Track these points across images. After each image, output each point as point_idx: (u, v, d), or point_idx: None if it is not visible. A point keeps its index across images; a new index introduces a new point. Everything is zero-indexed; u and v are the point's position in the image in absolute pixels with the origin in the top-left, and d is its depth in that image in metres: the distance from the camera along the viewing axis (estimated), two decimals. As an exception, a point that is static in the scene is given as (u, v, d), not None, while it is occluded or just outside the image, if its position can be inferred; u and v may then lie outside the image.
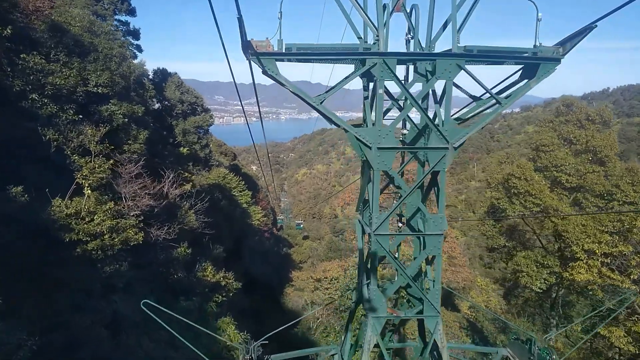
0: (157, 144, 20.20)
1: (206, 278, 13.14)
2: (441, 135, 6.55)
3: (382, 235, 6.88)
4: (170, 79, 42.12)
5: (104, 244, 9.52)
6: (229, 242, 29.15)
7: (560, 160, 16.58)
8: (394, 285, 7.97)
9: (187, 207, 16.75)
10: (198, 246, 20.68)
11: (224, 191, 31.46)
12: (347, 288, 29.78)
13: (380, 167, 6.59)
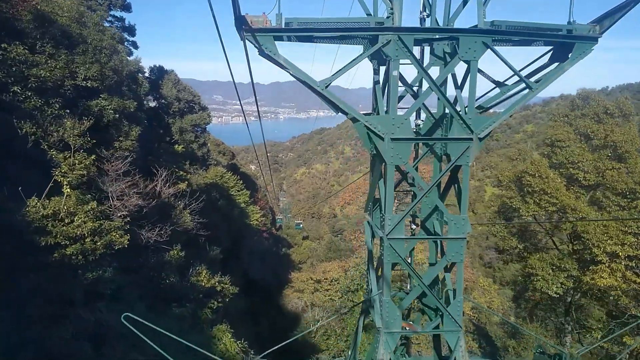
0: (151, 142, 19.27)
1: (200, 283, 12.24)
2: (465, 125, 5.66)
3: (396, 239, 5.98)
4: (167, 77, 41.15)
5: (85, 248, 8.57)
6: (227, 243, 28.25)
7: (577, 156, 15.63)
8: (410, 296, 7.05)
9: (181, 207, 15.84)
10: (194, 248, 19.81)
11: (222, 190, 30.54)
12: (348, 289, 28.91)
13: (395, 161, 5.69)
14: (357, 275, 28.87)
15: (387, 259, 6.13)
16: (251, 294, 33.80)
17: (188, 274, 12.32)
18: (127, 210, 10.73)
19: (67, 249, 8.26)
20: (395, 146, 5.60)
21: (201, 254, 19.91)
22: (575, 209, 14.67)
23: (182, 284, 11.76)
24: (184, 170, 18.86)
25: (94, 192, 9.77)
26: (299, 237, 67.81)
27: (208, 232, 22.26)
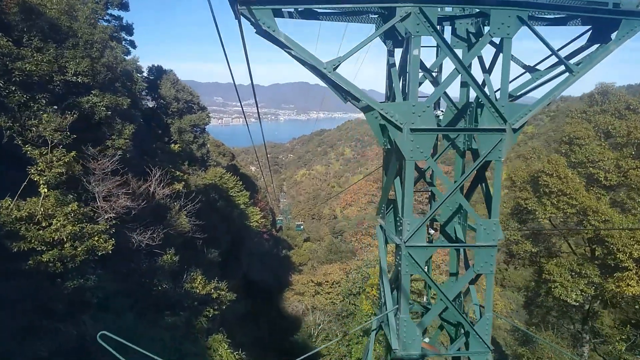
0: (148, 141, 18.42)
1: (195, 290, 11.35)
2: (497, 114, 4.80)
3: (416, 247, 5.09)
4: (166, 77, 40.34)
5: (63, 255, 7.67)
6: (226, 245, 27.38)
7: (598, 154, 14.65)
8: (431, 313, 6.11)
9: (177, 209, 14.98)
10: (191, 250, 18.99)
11: (221, 192, 29.69)
12: (349, 292, 28.02)
13: (415, 155, 4.82)
14: (359, 278, 28.00)
15: (405, 269, 5.26)
16: (251, 296, 32.93)
17: (182, 280, 11.46)
18: (115, 212, 9.86)
19: (43, 256, 7.37)
20: (416, 138, 4.74)
21: (199, 256, 19.06)
22: (596, 211, 13.70)
23: (176, 290, 10.89)
24: (181, 170, 18.00)
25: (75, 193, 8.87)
26: (300, 238, 66.92)
27: (206, 235, 21.42)
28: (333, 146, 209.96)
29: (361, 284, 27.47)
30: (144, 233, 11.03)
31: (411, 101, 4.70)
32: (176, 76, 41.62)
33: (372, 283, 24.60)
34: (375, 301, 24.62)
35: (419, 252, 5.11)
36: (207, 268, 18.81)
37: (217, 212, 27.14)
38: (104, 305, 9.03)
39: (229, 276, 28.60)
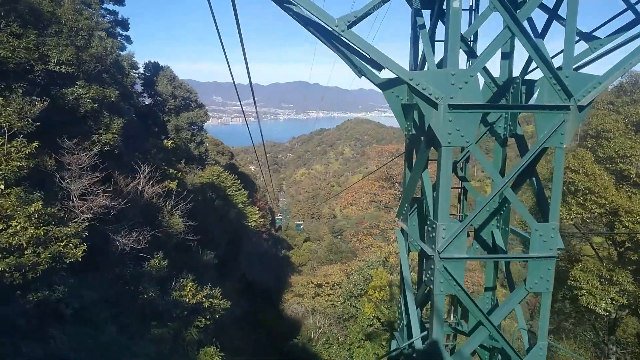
0: (139, 137, 17.27)
1: (184, 299, 10.14)
2: (559, 86, 3.66)
3: (454, 259, 3.93)
4: (162, 73, 39.17)
5: (21, 263, 6.49)
6: (223, 246, 26.27)
7: (629, 149, 13.44)
8: (472, 341, 4.82)
9: (170, 209, 13.85)
10: (184, 253, 17.88)
11: (218, 190, 28.55)
12: (351, 294, 26.87)
13: (454, 140, 3.68)
14: (361, 279, 26.86)
15: (439, 288, 4.09)
16: (250, 297, 31.83)
17: (171, 287, 10.31)
18: (92, 212, 8.69)
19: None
20: (456, 118, 3.60)
21: (193, 259, 17.92)
22: (630, 211, 12.48)
23: (164, 298, 9.78)
24: (176, 168, 16.85)
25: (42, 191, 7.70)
26: (299, 237, 65.80)
27: (200, 236, 20.32)
28: (332, 145, 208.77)
29: (363, 285, 26.34)
30: (129, 235, 9.89)
31: (450, 69, 3.56)
32: (173, 73, 40.43)
33: (374, 285, 23.49)
34: (378, 304, 23.52)
35: (457, 265, 3.96)
36: (202, 271, 17.71)
37: (215, 211, 26.02)
38: (81, 317, 7.91)
39: (227, 278, 27.50)
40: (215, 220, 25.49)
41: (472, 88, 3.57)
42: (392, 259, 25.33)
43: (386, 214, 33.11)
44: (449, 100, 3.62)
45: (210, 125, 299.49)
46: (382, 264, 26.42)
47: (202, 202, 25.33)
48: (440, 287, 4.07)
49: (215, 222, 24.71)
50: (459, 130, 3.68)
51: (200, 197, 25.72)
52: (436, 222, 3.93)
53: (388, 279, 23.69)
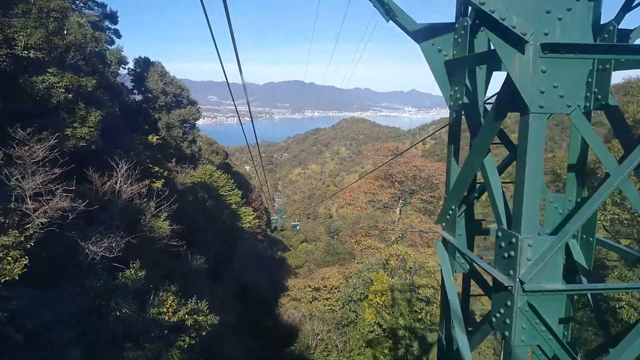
0: (122, 132, 15.91)
1: (163, 317, 8.71)
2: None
3: (546, 293, 2.53)
4: (153, 68, 37.76)
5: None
6: (216, 248, 24.96)
7: None
8: None
9: (153, 210, 12.53)
10: (171, 259, 16.56)
11: (211, 190, 27.22)
12: (350, 299, 25.63)
13: (550, 102, 2.36)
14: (360, 283, 25.62)
15: (520, 336, 2.69)
16: (244, 302, 30.56)
17: (148, 303, 8.89)
18: (48, 216, 7.33)
19: None
20: (553, 66, 2.30)
21: (181, 265, 16.59)
22: None
23: (141, 315, 8.44)
24: (163, 166, 15.51)
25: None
26: (295, 238, 64.52)
27: (190, 239, 19.03)
28: (328, 145, 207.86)
29: (362, 289, 25.12)
30: (101, 242, 8.54)
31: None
32: (164, 68, 39.01)
33: (374, 290, 22.26)
34: (379, 309, 22.31)
35: (550, 301, 2.69)
36: (192, 277, 16.40)
37: (206, 212, 24.69)
38: (36, 341, 6.62)
39: (219, 282, 26.18)
40: (207, 222, 24.18)
41: (578, 19, 2.31)
42: (393, 261, 24.13)
43: (383, 213, 31.90)
44: (543, 38, 2.36)
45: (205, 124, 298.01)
46: (382, 266, 25.21)
47: (193, 203, 24.02)
48: (522, 335, 2.68)
49: (207, 223, 23.39)
50: (556, 87, 2.41)
51: (191, 197, 24.40)
52: (517, 235, 2.58)
53: (389, 283, 22.48)
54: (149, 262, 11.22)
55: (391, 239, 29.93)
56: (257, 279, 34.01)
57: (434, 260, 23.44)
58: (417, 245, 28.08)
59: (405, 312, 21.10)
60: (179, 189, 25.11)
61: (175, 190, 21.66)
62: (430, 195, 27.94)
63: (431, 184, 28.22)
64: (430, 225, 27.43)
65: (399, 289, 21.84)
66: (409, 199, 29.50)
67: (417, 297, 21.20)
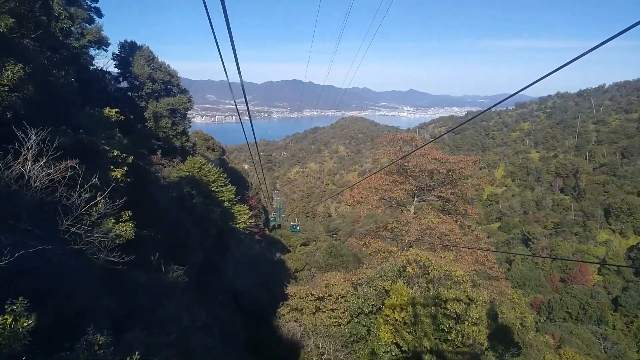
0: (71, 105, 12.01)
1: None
2: None
3: None
4: (139, 52, 33.81)
5: None
6: (205, 253, 21.13)
7: None
8: None
9: (101, 208, 8.74)
10: (146, 269, 12.77)
11: (200, 186, 23.34)
12: (359, 311, 21.78)
13: None
14: (372, 293, 21.78)
15: None
16: (239, 311, 26.72)
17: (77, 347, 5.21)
18: None
19: None
20: None
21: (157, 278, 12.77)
22: None
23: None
24: (123, 149, 11.64)
25: None
26: (295, 239, 60.71)
27: (171, 244, 15.26)
28: (327, 144, 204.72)
29: (375, 301, 21.29)
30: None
31: None
32: (152, 53, 35.04)
33: (392, 304, 18.45)
34: (398, 327, 18.50)
35: None
36: (166, 294, 12.58)
37: (193, 211, 20.83)
38: None
39: (208, 291, 22.35)
40: (193, 222, 20.33)
41: None
42: (411, 269, 20.31)
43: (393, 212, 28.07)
44: None
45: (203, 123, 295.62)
46: (398, 274, 21.37)
47: (177, 200, 20.15)
48: None
49: (193, 224, 19.54)
50: None
51: (174, 193, 20.52)
52: None
53: (410, 295, 18.67)
54: (86, 287, 7.38)
55: (404, 242, 26.11)
56: (253, 285, 30.18)
57: (460, 269, 19.65)
58: (436, 248, 24.26)
59: (430, 331, 17.33)
60: (163, 184, 21.27)
61: (153, 184, 17.83)
62: (450, 192, 24.14)
63: (451, 179, 24.41)
64: (451, 226, 23.64)
65: (421, 303, 18.04)
66: (426, 195, 25.67)
67: (444, 313, 17.41)
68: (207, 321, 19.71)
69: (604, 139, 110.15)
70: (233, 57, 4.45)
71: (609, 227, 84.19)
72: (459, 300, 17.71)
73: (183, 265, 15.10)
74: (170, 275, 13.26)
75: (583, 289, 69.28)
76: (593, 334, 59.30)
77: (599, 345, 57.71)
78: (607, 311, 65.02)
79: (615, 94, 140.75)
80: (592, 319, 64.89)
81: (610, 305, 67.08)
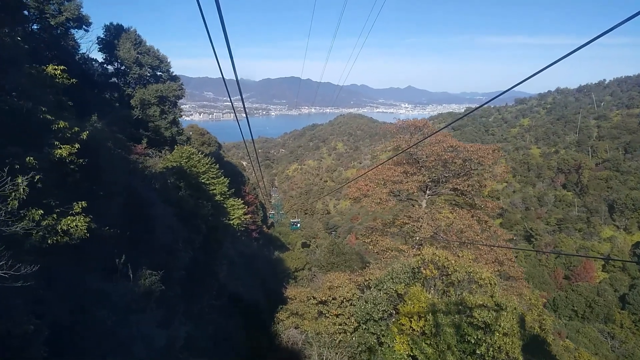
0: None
1: None
2: None
3: None
4: (125, 35, 30.87)
5: None
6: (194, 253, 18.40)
7: None
8: None
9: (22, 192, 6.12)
10: (108, 276, 10.14)
11: (188, 177, 20.58)
12: (368, 317, 19.14)
13: None
14: (383, 297, 19.13)
15: None
16: (233, 316, 24.05)
17: None
18: None
19: None
20: None
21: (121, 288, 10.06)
22: None
23: None
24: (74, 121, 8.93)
25: None
26: (294, 236, 58.00)
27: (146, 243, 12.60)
28: (325, 141, 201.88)
29: (386, 306, 18.65)
30: None
31: None
32: (140, 37, 32.08)
33: (409, 311, 15.80)
34: (415, 339, 15.87)
35: None
36: (133, 306, 9.88)
37: (180, 205, 18.08)
38: None
39: (197, 298, 19.64)
40: (180, 218, 17.57)
41: None
42: (427, 270, 17.63)
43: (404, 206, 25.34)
44: None
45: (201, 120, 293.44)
46: (412, 276, 18.73)
47: (160, 192, 17.39)
48: None
49: (178, 220, 16.78)
50: None
51: (157, 184, 17.77)
52: None
53: (429, 301, 16.01)
54: None
55: (415, 239, 23.44)
56: (249, 286, 27.53)
57: (487, 270, 17.01)
58: (451, 246, 21.59)
59: (454, 342, 14.70)
60: (145, 175, 18.50)
61: (131, 174, 15.08)
62: (467, 184, 21.44)
63: (468, 169, 21.72)
64: (469, 221, 20.99)
65: (442, 310, 15.38)
66: (440, 188, 22.96)
67: (470, 322, 14.78)
68: (195, 334, 17.02)
69: (606, 134, 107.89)
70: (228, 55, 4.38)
71: (613, 223, 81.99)
72: (487, 307, 15.09)
73: (165, 268, 12.39)
74: (142, 282, 10.52)
75: (589, 287, 67.00)
76: (600, 333, 57.20)
77: (607, 344, 55.57)
78: (614, 309, 62.76)
79: (615, 90, 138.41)
80: (599, 317, 62.65)
81: (618, 303, 64.85)
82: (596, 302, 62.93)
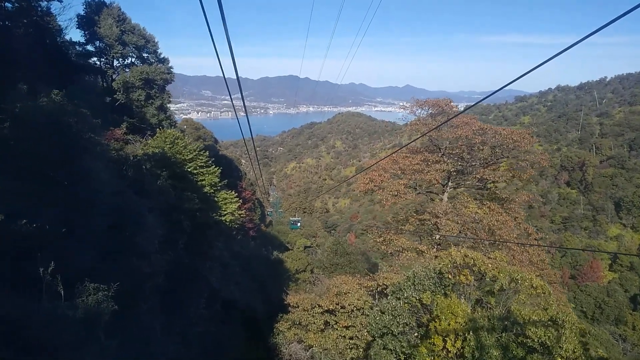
0: None
1: None
2: None
3: None
4: (106, 10, 27.31)
5: None
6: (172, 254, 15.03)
7: None
8: None
9: None
10: (29, 294, 6.67)
11: (172, 165, 17.13)
12: (386, 330, 15.70)
13: None
14: (404, 308, 15.69)
15: None
16: (227, 324, 20.68)
17: None
18: None
19: None
20: None
21: (43, 311, 6.50)
22: None
23: None
24: None
25: None
26: (293, 234, 54.50)
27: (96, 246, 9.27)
28: (324, 139, 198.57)
29: (408, 318, 15.24)
30: None
31: None
32: (124, 13, 28.50)
33: (444, 329, 12.47)
34: None
35: None
36: (65, 337, 6.31)
37: (157, 197, 14.62)
38: None
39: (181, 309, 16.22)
40: (158, 212, 14.12)
41: None
42: (462, 276, 14.27)
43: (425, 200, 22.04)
44: None
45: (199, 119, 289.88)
46: (438, 283, 15.34)
47: (132, 181, 13.93)
48: None
49: (153, 216, 13.32)
50: None
51: (130, 171, 14.32)
52: None
53: (467, 314, 12.66)
54: None
55: (435, 238, 20.12)
56: (245, 291, 24.15)
57: (535, 277, 13.68)
58: (478, 246, 18.23)
59: (501, 369, 11.41)
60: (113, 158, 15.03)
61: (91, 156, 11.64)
62: (497, 174, 18.13)
63: (499, 156, 18.41)
64: (503, 217, 17.64)
65: (486, 328, 12.05)
66: (464, 179, 19.62)
67: (522, 342, 11.48)
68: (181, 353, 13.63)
69: (608, 131, 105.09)
70: (229, 52, 4.26)
71: (620, 221, 79.08)
72: (544, 322, 11.80)
73: (132, 277, 8.98)
74: (82, 301, 7.12)
75: (598, 287, 63.96)
76: (611, 335, 54.23)
77: (619, 347, 52.56)
78: (625, 310, 59.72)
79: (617, 87, 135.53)
80: (610, 318, 59.61)
81: (629, 304, 61.85)
82: (606, 303, 59.91)
